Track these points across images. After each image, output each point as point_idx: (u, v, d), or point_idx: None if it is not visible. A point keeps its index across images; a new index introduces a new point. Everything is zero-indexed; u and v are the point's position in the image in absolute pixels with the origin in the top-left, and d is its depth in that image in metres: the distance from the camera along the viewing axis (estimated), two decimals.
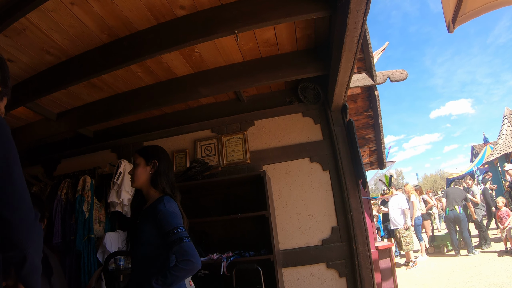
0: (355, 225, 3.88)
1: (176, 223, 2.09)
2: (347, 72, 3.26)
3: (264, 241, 3.89)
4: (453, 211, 9.26)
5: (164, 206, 2.16)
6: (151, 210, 2.22)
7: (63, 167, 5.30)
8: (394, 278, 5.94)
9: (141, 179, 2.37)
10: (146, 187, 2.39)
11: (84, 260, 4.00)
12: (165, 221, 2.09)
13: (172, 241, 2.03)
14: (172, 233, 2.05)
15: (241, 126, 4.64)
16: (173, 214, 2.14)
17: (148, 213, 2.23)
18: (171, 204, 2.21)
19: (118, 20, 3.02)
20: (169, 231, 2.05)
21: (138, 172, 2.37)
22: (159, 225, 2.10)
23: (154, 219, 2.14)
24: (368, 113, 5.99)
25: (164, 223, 2.09)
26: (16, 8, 2.53)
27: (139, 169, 2.38)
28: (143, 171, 2.38)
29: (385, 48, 6.32)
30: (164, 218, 2.10)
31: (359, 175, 3.98)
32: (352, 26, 2.49)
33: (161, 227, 2.09)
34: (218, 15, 3.00)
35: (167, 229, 2.06)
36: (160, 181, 2.35)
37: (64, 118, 4.59)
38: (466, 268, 7.61)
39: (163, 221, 2.09)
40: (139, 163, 2.40)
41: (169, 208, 2.15)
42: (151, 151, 2.48)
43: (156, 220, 2.12)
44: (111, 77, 3.90)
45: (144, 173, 2.38)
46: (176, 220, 2.11)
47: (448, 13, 2.34)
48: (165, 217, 2.10)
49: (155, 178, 2.36)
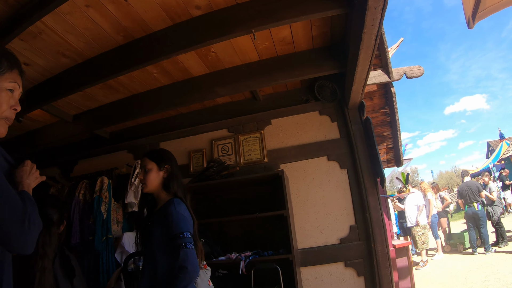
0: (374, 224, 3.84)
1: (184, 227, 2.14)
2: (364, 69, 3.22)
3: (282, 240, 3.86)
4: (471, 208, 9.11)
5: (175, 208, 2.20)
6: (161, 213, 2.26)
7: (80, 168, 5.35)
8: (411, 277, 5.87)
9: (154, 184, 2.41)
10: (158, 190, 2.43)
11: (103, 260, 4.02)
12: (175, 224, 2.13)
13: (177, 244, 2.08)
14: (178, 237, 2.10)
15: (257, 125, 4.62)
16: (183, 217, 2.18)
17: (159, 216, 2.27)
18: (181, 207, 2.24)
19: (133, 21, 3.02)
20: (176, 235, 2.11)
21: (152, 178, 2.41)
22: (168, 227, 2.15)
23: (165, 221, 2.18)
24: (384, 110, 5.93)
25: (173, 226, 2.13)
26: (32, 12, 2.55)
27: (152, 174, 2.41)
28: (156, 176, 2.42)
29: (399, 44, 6.26)
30: (174, 220, 2.15)
31: (377, 173, 3.94)
32: (370, 23, 2.45)
33: (169, 229, 2.14)
34: (234, 14, 2.99)
35: (175, 232, 2.11)
36: (172, 185, 2.39)
37: (80, 120, 4.63)
38: (483, 266, 7.51)
39: (172, 223, 2.14)
40: (151, 168, 2.43)
41: (180, 211, 2.20)
42: (163, 155, 2.52)
43: (166, 222, 2.17)
44: (127, 79, 3.91)
45: (157, 178, 2.42)
46: (184, 225, 2.15)
47: (468, 9, 2.31)
48: (175, 219, 2.15)
49: (168, 182, 2.41)
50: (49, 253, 2.12)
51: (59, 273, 2.29)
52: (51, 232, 2.21)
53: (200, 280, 3.09)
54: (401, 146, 7.17)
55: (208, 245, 4.02)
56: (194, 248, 2.18)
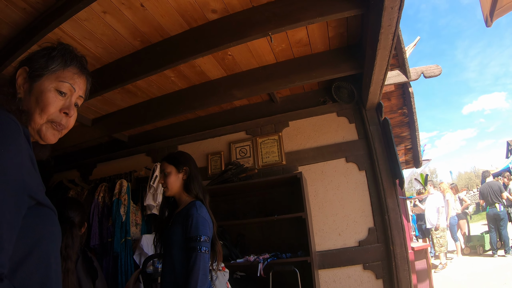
0: (392, 226, 3.80)
1: (202, 231, 2.18)
2: (382, 70, 3.20)
3: (300, 242, 3.87)
4: (492, 209, 8.92)
5: (197, 211, 2.24)
6: (183, 215, 2.30)
7: (98, 171, 5.43)
8: (430, 280, 5.81)
9: (175, 187, 2.47)
10: (179, 193, 2.48)
11: (121, 262, 4.06)
12: (194, 226, 2.18)
13: (191, 247, 2.13)
14: (194, 239, 2.15)
15: (275, 127, 4.62)
16: (203, 220, 2.23)
17: (180, 217, 2.31)
18: (203, 210, 2.29)
19: (150, 26, 3.05)
20: (193, 237, 2.16)
21: (172, 181, 2.46)
22: (188, 228, 2.19)
23: (185, 223, 2.23)
24: (402, 111, 5.87)
25: (192, 228, 2.18)
26: (50, 19, 2.60)
27: (172, 178, 2.47)
28: (175, 178, 2.47)
29: (416, 43, 6.19)
30: (193, 222, 2.19)
31: (396, 174, 3.90)
32: (387, 23, 2.44)
33: (189, 231, 2.18)
34: (250, 17, 3.00)
35: (192, 234, 2.16)
36: (193, 187, 2.45)
37: (99, 124, 4.71)
38: (503, 269, 7.36)
39: (192, 225, 2.18)
40: (170, 171, 2.48)
41: (201, 214, 2.24)
42: (180, 158, 2.57)
43: (186, 223, 2.21)
44: (145, 83, 3.95)
45: (177, 180, 2.47)
46: (204, 228, 2.20)
47: (485, 7, 2.31)
48: (195, 222, 2.19)
49: (189, 184, 2.46)
50: (71, 255, 2.14)
51: (82, 274, 2.32)
52: (73, 235, 2.23)
53: (218, 282, 3.10)
54: (419, 146, 7.08)
55: (226, 247, 4.04)
56: (212, 251, 2.26)
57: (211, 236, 2.28)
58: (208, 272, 2.15)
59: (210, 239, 2.26)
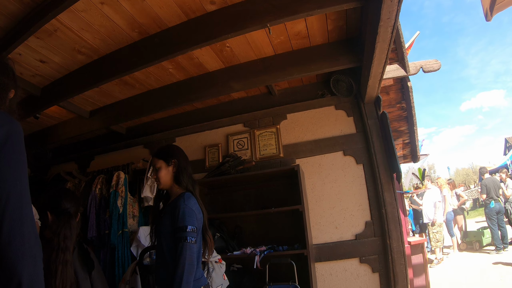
0: (389, 220, 3.80)
1: (189, 221, 2.23)
2: (381, 63, 3.18)
3: (297, 235, 3.87)
4: (498, 203, 8.96)
5: (184, 202, 2.30)
6: (172, 206, 2.36)
7: (96, 163, 5.42)
8: (426, 274, 5.82)
9: (166, 180, 2.53)
10: (171, 185, 2.55)
11: (118, 254, 4.07)
12: (181, 217, 2.23)
13: (178, 237, 2.18)
14: (182, 230, 2.20)
15: (273, 120, 4.61)
16: (190, 211, 2.28)
17: (170, 209, 2.37)
18: (191, 201, 2.34)
19: (148, 17, 3.04)
20: (180, 227, 2.21)
21: (162, 174, 2.52)
22: (175, 219, 2.25)
23: (173, 214, 2.28)
24: (401, 105, 5.87)
25: (179, 218, 2.23)
26: (47, 10, 2.59)
27: (162, 172, 2.53)
28: (166, 172, 2.53)
29: (415, 39, 6.18)
30: (181, 213, 2.24)
31: (394, 168, 3.90)
32: (386, 16, 2.42)
33: (176, 222, 2.24)
34: (249, 9, 2.98)
35: (180, 225, 2.22)
36: (183, 179, 2.51)
37: (97, 116, 4.70)
38: (499, 265, 7.43)
39: (179, 216, 2.23)
40: (160, 165, 2.54)
41: (188, 205, 2.30)
42: (169, 151, 2.63)
43: (174, 215, 2.27)
44: (143, 74, 3.94)
45: (168, 173, 2.54)
46: (190, 219, 2.25)
47: (485, 1, 2.31)
48: (182, 213, 2.24)
49: (178, 176, 2.52)
50: (69, 246, 2.15)
51: (78, 265, 2.32)
52: (71, 225, 2.24)
53: (215, 274, 3.11)
54: (417, 141, 7.10)
55: (223, 239, 4.05)
56: (199, 242, 2.31)
57: (200, 227, 2.34)
58: (195, 262, 2.18)
59: (199, 229, 2.31)
